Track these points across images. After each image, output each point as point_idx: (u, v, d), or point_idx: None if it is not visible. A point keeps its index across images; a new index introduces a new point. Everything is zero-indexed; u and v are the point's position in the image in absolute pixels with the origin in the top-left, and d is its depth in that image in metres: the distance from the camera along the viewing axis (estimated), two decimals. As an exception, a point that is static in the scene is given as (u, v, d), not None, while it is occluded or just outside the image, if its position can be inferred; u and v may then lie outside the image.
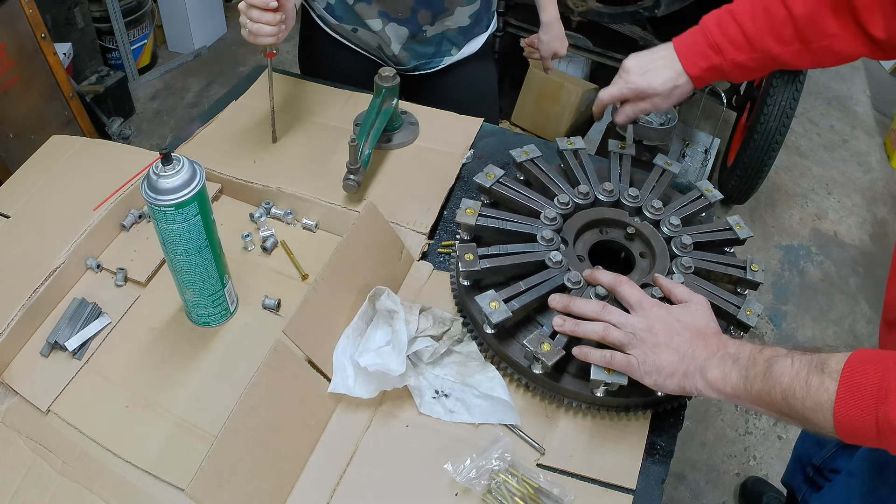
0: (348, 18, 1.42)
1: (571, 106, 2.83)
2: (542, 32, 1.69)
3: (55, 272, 1.07)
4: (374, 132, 1.24)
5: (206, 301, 1.01)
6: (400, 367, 0.91)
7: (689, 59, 1.08)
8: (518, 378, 0.97)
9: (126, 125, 2.96)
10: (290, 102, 1.44)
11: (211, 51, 3.55)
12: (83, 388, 0.98)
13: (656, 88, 1.09)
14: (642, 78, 1.10)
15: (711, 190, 1.15)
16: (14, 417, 0.96)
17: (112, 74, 2.96)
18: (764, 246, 2.76)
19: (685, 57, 1.08)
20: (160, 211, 0.87)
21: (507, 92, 3.09)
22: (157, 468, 0.88)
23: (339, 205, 1.20)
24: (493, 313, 0.92)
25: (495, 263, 0.99)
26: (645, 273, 1.03)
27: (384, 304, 0.99)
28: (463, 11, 1.42)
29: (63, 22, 2.73)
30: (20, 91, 2.21)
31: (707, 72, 1.08)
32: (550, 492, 0.87)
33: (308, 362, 0.94)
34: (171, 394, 0.97)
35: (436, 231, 1.22)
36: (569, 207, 1.08)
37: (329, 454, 0.92)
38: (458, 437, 0.94)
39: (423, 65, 1.50)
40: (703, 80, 1.10)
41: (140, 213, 1.20)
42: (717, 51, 1.06)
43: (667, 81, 1.09)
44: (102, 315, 1.06)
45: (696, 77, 1.09)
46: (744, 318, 0.96)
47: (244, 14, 1.13)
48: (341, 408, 0.96)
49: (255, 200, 1.25)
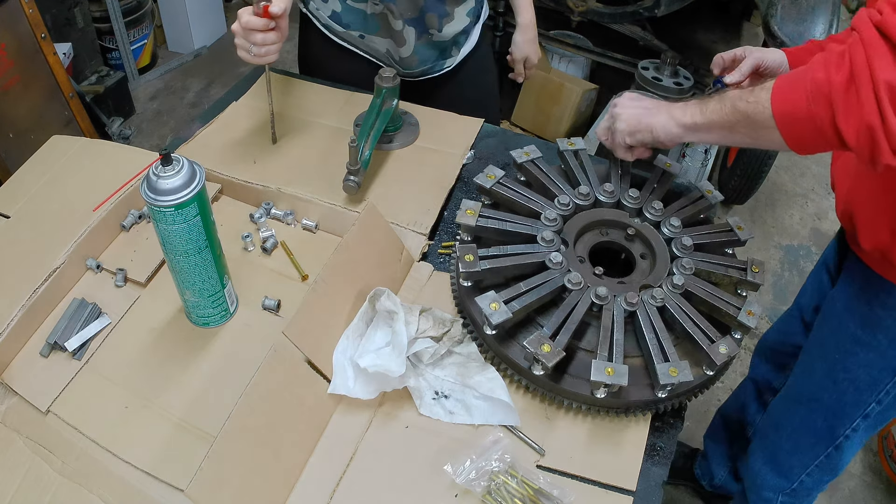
0: (356, 25, 1.41)
1: (571, 106, 2.83)
2: (517, 34, 1.66)
3: (55, 272, 1.06)
4: (375, 133, 1.23)
5: (205, 302, 1.01)
6: (400, 368, 0.91)
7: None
8: (518, 379, 0.97)
9: (126, 125, 2.96)
10: (290, 103, 1.44)
11: (211, 51, 3.55)
12: (83, 388, 0.98)
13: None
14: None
15: (712, 191, 1.15)
16: (14, 418, 0.96)
17: (112, 74, 2.96)
18: (764, 246, 2.75)
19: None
20: (160, 211, 0.86)
21: (507, 92, 3.08)
22: (156, 468, 0.88)
23: (339, 205, 1.20)
24: (494, 314, 0.92)
25: (495, 264, 0.99)
26: (645, 274, 1.03)
27: (384, 304, 0.99)
28: (461, 11, 1.42)
29: (63, 22, 2.73)
30: (20, 91, 2.21)
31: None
32: (550, 493, 0.87)
33: (308, 363, 0.94)
34: (171, 394, 0.97)
35: (436, 232, 1.22)
36: (569, 208, 1.08)
37: (329, 455, 0.92)
38: (457, 439, 0.94)
39: (430, 69, 1.49)
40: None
41: (140, 213, 1.20)
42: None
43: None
44: (102, 315, 1.06)
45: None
46: (744, 319, 0.96)
47: (242, 38, 1.11)
48: (341, 409, 0.96)
49: (255, 201, 1.25)
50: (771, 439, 1.42)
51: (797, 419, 1.32)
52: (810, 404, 1.28)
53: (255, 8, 1.08)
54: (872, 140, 0.73)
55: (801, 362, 1.33)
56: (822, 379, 1.24)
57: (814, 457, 1.33)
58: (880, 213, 1.01)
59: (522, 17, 1.62)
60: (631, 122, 1.07)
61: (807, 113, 0.78)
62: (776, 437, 1.40)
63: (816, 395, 1.26)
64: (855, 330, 1.14)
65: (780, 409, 1.39)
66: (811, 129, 0.79)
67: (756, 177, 2.57)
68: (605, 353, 0.91)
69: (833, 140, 0.77)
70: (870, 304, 1.11)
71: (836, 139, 0.77)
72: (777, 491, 1.42)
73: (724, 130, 0.93)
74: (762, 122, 0.84)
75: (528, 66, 1.68)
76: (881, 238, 1.02)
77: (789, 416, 1.35)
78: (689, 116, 0.98)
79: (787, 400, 1.37)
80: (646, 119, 1.05)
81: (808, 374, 1.29)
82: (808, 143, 0.82)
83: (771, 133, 0.83)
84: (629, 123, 1.07)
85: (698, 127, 0.97)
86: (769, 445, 1.42)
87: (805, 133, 0.80)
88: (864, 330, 1.13)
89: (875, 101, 0.71)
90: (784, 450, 1.38)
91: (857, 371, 1.16)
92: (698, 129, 0.98)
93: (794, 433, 1.34)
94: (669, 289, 0.99)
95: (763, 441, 1.45)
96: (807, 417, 1.30)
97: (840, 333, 1.18)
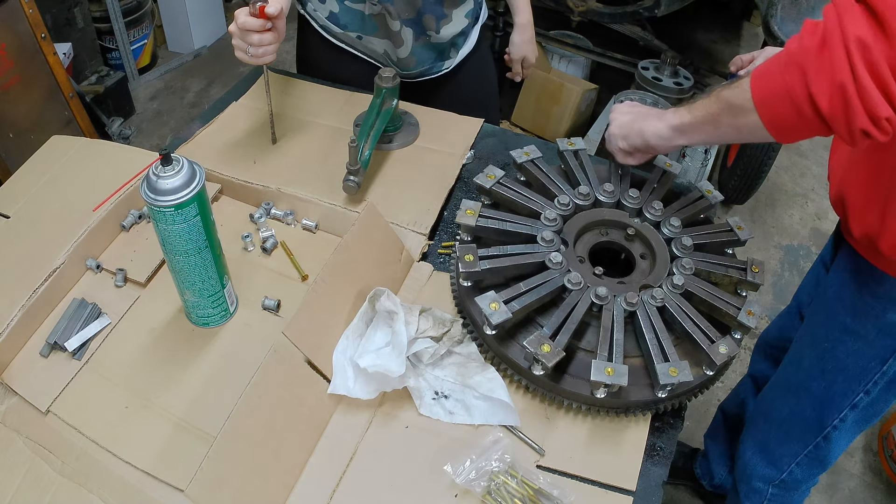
0: (354, 26, 1.41)
1: (571, 106, 2.83)
2: (515, 34, 1.66)
3: (55, 272, 1.06)
4: (375, 133, 1.23)
5: (205, 302, 1.01)
6: (400, 368, 0.91)
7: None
8: (518, 379, 0.97)
9: (126, 125, 2.96)
10: (290, 103, 1.44)
11: (211, 51, 3.55)
12: (83, 388, 0.98)
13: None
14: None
15: (712, 191, 1.15)
16: (14, 418, 0.96)
17: (112, 74, 2.96)
18: (764, 246, 2.75)
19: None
20: (160, 212, 0.86)
21: (507, 92, 3.08)
22: (156, 469, 0.88)
23: (339, 205, 1.20)
24: (494, 314, 0.92)
25: (495, 264, 0.99)
26: (645, 274, 1.03)
27: (384, 305, 0.99)
28: (459, 13, 1.42)
29: (63, 22, 2.73)
30: (20, 91, 2.21)
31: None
32: (550, 493, 0.87)
33: (308, 363, 0.94)
34: (171, 394, 0.97)
35: (436, 232, 1.22)
36: (569, 208, 1.08)
37: (329, 455, 0.92)
38: (457, 439, 0.94)
39: (428, 70, 1.49)
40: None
41: (140, 213, 1.20)
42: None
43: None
44: (102, 315, 1.06)
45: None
46: (744, 319, 0.96)
47: (239, 38, 1.11)
48: (341, 409, 0.96)
49: (254, 201, 1.25)
50: (761, 428, 1.42)
51: (786, 408, 1.32)
52: (799, 393, 1.28)
53: (252, 8, 1.08)
54: (845, 101, 0.71)
55: (791, 351, 1.33)
56: (811, 367, 1.24)
57: (803, 446, 1.32)
58: (870, 200, 1.02)
59: (520, 17, 1.62)
60: (623, 127, 1.10)
61: (781, 85, 0.76)
62: (766, 426, 1.40)
63: (805, 384, 1.26)
64: (844, 318, 1.15)
65: (770, 397, 1.39)
66: (787, 104, 0.77)
67: (756, 177, 2.57)
68: (604, 353, 0.91)
69: (807, 111, 0.75)
70: (860, 292, 1.12)
71: (811, 109, 0.75)
72: (767, 481, 1.42)
73: (709, 125, 0.94)
74: (741, 106, 0.84)
75: (525, 66, 1.70)
76: (870, 223, 1.02)
77: (779, 405, 1.35)
78: (678, 118, 1.00)
79: (777, 388, 1.37)
80: (637, 123, 1.07)
81: (798, 363, 1.29)
82: (786, 122, 0.81)
83: (750, 117, 0.83)
84: (621, 128, 1.11)
85: (686, 127, 0.99)
86: (759, 434, 1.42)
87: (781, 111, 0.79)
88: (853, 318, 1.13)
89: (847, 58, 0.70)
90: (774, 439, 1.38)
91: (846, 360, 1.17)
92: (686, 130, 0.99)
93: (784, 422, 1.34)
94: (669, 289, 0.99)
95: (753, 430, 1.45)
96: (796, 406, 1.30)
97: (830, 322, 1.18)
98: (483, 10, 1.54)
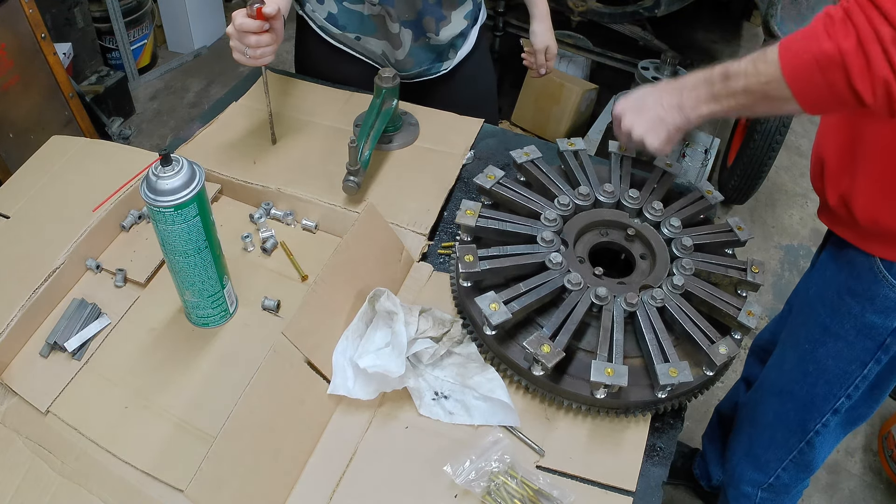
0: (352, 27, 1.41)
1: (571, 106, 2.83)
2: (536, 24, 1.65)
3: (55, 272, 1.06)
4: (374, 133, 1.23)
5: (205, 302, 1.01)
6: (399, 368, 0.91)
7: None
8: (518, 380, 0.97)
9: (126, 125, 2.96)
10: (289, 103, 1.44)
11: (211, 51, 3.55)
12: (82, 388, 0.98)
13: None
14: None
15: (712, 191, 1.15)
16: (13, 418, 0.96)
17: (112, 74, 2.96)
18: (764, 246, 2.75)
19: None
20: (159, 212, 0.86)
21: (507, 92, 3.09)
22: (156, 469, 0.88)
23: (339, 206, 1.20)
24: (493, 315, 0.92)
25: (495, 265, 0.99)
26: (645, 274, 1.03)
27: (384, 305, 0.99)
28: (458, 15, 1.42)
29: (63, 22, 2.73)
30: (20, 91, 2.21)
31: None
32: (550, 493, 0.87)
33: (307, 363, 0.94)
34: (171, 394, 0.97)
35: (436, 232, 1.22)
36: (569, 209, 1.08)
37: (329, 455, 0.92)
38: (457, 439, 0.94)
39: (426, 71, 1.49)
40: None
41: (140, 213, 1.20)
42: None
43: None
44: (102, 315, 1.06)
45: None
46: (744, 319, 0.96)
47: (236, 40, 1.11)
48: (341, 409, 0.96)
49: (254, 201, 1.25)
50: (747, 432, 1.41)
51: (771, 412, 1.32)
52: (782, 396, 1.28)
53: (249, 10, 1.08)
54: (888, 94, 0.79)
55: (775, 353, 1.32)
56: (792, 370, 1.24)
57: (787, 451, 1.32)
58: (843, 162, 1.03)
59: (538, 7, 1.62)
60: (648, 124, 1.03)
61: (823, 82, 0.82)
62: (751, 430, 1.39)
63: (788, 388, 1.26)
64: (824, 318, 1.14)
65: (754, 400, 1.39)
66: (828, 94, 0.83)
67: (756, 177, 2.57)
68: (604, 354, 0.91)
69: (851, 101, 0.82)
70: (839, 291, 1.11)
71: (854, 100, 0.81)
72: (755, 485, 1.42)
73: (741, 111, 0.95)
74: (779, 96, 0.88)
75: (549, 57, 1.67)
76: (844, 186, 1.03)
77: (763, 409, 1.35)
78: (707, 108, 0.97)
79: (760, 391, 1.37)
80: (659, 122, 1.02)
81: (781, 366, 1.28)
82: (825, 106, 0.88)
83: (788, 104, 0.88)
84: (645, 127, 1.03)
85: (713, 110, 0.97)
86: (746, 438, 1.42)
87: (822, 99, 0.85)
88: (832, 318, 1.13)
89: (884, 57, 0.77)
90: (759, 444, 1.38)
91: (827, 362, 1.16)
92: (713, 110, 0.97)
93: (769, 426, 1.34)
94: (669, 289, 0.99)
95: (740, 434, 1.44)
96: (780, 410, 1.29)
97: (810, 322, 1.18)
98: (482, 11, 1.54)
